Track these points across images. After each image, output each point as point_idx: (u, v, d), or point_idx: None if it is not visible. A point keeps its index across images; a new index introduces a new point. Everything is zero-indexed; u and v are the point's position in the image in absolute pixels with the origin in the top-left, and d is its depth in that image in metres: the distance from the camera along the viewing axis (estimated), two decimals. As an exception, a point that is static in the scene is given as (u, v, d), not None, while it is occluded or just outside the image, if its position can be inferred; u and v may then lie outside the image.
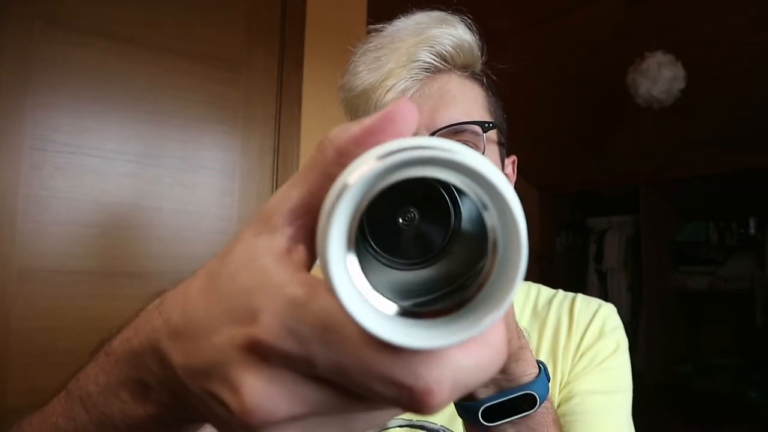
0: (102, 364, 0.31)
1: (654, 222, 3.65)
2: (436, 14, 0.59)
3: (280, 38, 1.56)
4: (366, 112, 0.57)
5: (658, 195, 3.64)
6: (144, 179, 1.34)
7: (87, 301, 1.25)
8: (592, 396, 0.57)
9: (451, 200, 0.21)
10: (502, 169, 0.62)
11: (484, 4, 2.44)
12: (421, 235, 0.22)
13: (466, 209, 0.22)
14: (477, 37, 0.59)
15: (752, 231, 3.39)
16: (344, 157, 0.19)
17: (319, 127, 1.57)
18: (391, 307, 0.19)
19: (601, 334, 0.62)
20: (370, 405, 0.19)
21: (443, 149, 0.17)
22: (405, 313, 0.19)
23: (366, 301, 0.18)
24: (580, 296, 0.67)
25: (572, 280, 4.06)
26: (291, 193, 0.21)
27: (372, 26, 0.61)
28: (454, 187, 0.21)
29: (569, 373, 0.60)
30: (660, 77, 2.18)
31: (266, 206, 0.21)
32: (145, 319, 0.26)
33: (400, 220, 0.22)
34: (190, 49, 1.41)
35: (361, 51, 0.60)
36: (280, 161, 1.53)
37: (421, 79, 0.56)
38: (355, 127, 0.19)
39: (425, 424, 0.57)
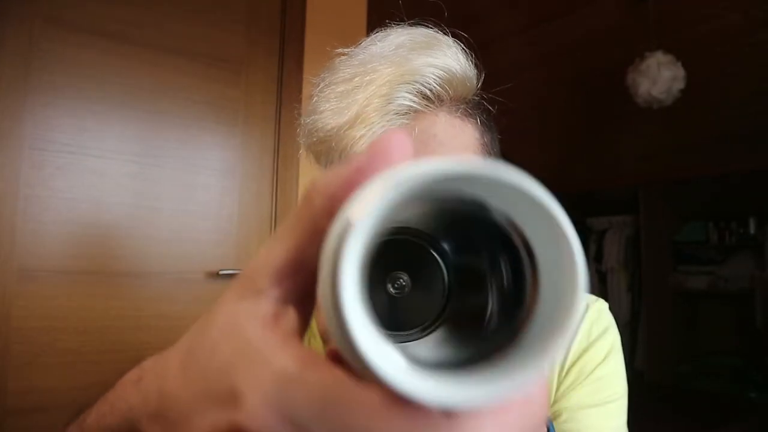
0: None
1: (654, 222, 3.64)
2: (420, 33, 0.47)
3: (280, 38, 1.55)
4: (331, 162, 0.46)
5: (658, 195, 3.63)
6: (144, 179, 1.34)
7: (87, 301, 1.25)
8: (581, 412, 0.51)
9: (441, 258, 0.19)
10: None
11: (485, 4, 2.45)
12: (417, 302, 0.19)
13: (460, 260, 0.18)
14: (472, 62, 0.48)
15: (752, 231, 3.38)
16: (335, 205, 0.16)
17: (319, 127, 1.57)
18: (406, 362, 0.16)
19: (588, 345, 0.55)
20: None
21: (459, 164, 0.14)
22: (428, 367, 0.16)
23: (388, 354, 0.15)
24: None
25: (572, 280, 4.06)
26: (277, 250, 0.18)
27: (340, 49, 0.49)
28: (439, 243, 0.18)
29: (555, 393, 0.54)
30: (660, 77, 2.18)
31: (250, 265, 0.18)
32: (121, 396, 0.24)
33: (390, 288, 0.19)
34: (190, 49, 1.41)
35: (325, 82, 0.48)
36: (280, 161, 1.53)
37: (399, 126, 0.44)
38: (343, 170, 0.17)
39: None
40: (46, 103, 1.22)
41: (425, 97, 0.45)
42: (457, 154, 0.47)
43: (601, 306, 0.59)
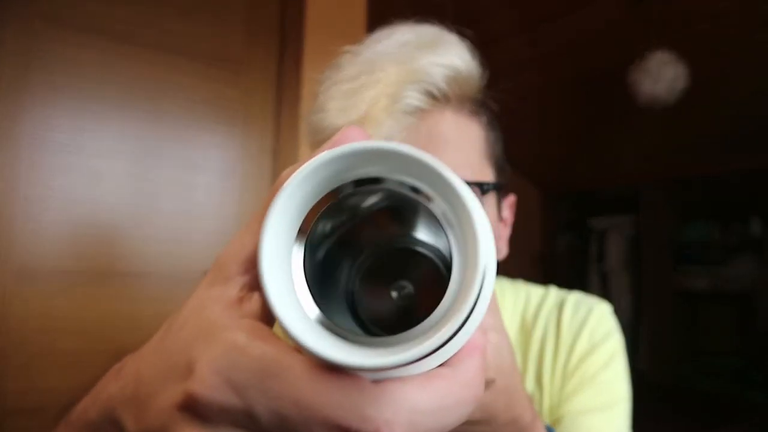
0: None
1: (655, 222, 3.64)
2: (426, 32, 0.47)
3: (279, 37, 1.55)
4: None
5: (660, 195, 3.63)
6: (143, 179, 1.34)
7: (86, 301, 1.25)
8: (585, 416, 0.50)
9: (448, 271, 0.19)
10: (499, 213, 0.52)
11: (484, 4, 2.44)
12: (417, 311, 0.20)
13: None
14: (477, 60, 0.48)
15: (754, 231, 3.38)
16: None
17: (319, 127, 1.57)
18: (315, 313, 0.17)
19: (591, 348, 0.55)
20: None
21: (384, 143, 0.16)
22: (346, 329, 0.17)
23: (300, 306, 0.16)
24: (571, 300, 0.59)
25: (573, 280, 4.06)
26: (245, 240, 0.19)
27: (346, 48, 0.49)
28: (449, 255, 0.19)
29: (558, 396, 0.54)
30: (661, 77, 2.17)
31: (221, 254, 0.20)
32: (102, 387, 0.24)
33: (394, 294, 0.20)
34: (189, 49, 1.41)
35: (330, 81, 0.48)
36: (280, 161, 1.53)
37: (407, 125, 0.45)
38: (305, 163, 0.18)
39: None
40: (46, 103, 1.22)
41: (432, 95, 0.45)
42: (463, 153, 0.47)
43: (604, 309, 0.59)
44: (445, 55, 0.45)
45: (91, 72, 1.28)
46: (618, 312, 0.61)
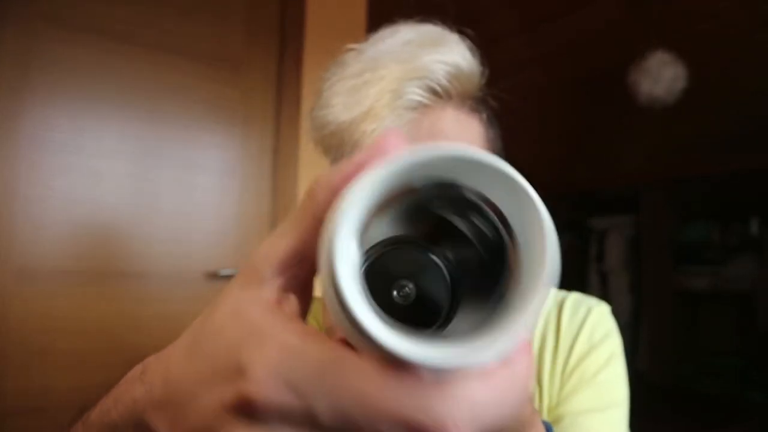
0: None
1: (655, 222, 3.64)
2: (428, 31, 0.49)
3: (279, 37, 1.55)
4: (341, 155, 0.48)
5: (660, 195, 3.63)
6: (143, 179, 1.34)
7: (86, 301, 1.25)
8: (584, 416, 0.50)
9: (447, 269, 0.20)
10: None
11: (486, 4, 2.44)
12: (420, 310, 0.20)
13: (465, 267, 0.20)
14: (478, 59, 0.49)
15: (754, 231, 3.37)
16: (336, 199, 0.18)
17: (319, 127, 1.57)
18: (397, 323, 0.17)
19: (590, 348, 0.55)
20: None
21: (451, 147, 0.16)
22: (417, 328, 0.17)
23: (376, 315, 0.16)
24: (570, 300, 0.59)
25: (573, 280, 4.06)
26: (280, 242, 0.19)
27: (350, 46, 0.50)
28: (449, 255, 0.19)
29: (557, 396, 0.54)
30: (661, 77, 2.18)
31: (253, 257, 0.20)
32: (125, 389, 0.24)
33: (395, 294, 0.20)
34: (189, 49, 1.41)
35: (335, 77, 0.49)
36: (280, 161, 1.53)
37: (409, 120, 0.46)
38: (345, 166, 0.18)
39: None
40: (46, 103, 1.22)
41: (434, 92, 0.46)
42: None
43: (603, 309, 0.59)
44: (448, 53, 0.46)
45: (91, 72, 1.28)
46: (618, 312, 0.61)
